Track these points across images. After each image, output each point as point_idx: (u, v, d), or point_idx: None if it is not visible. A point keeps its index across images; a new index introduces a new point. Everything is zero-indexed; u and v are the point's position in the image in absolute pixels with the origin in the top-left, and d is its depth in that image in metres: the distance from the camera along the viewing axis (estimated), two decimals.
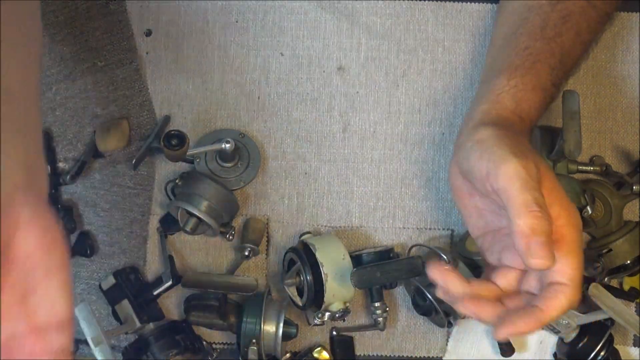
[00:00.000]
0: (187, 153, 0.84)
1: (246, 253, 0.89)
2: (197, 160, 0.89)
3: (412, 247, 0.90)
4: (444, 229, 0.93)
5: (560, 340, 0.90)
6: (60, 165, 0.92)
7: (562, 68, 0.83)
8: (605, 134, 0.94)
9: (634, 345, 0.92)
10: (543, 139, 0.90)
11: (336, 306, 0.85)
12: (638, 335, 0.91)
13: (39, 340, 0.55)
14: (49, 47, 0.92)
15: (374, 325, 0.89)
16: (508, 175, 0.69)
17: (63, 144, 0.92)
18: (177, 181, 0.88)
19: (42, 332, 0.55)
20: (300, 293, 0.86)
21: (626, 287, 0.92)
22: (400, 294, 0.92)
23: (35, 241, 0.54)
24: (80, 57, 0.93)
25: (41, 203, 0.56)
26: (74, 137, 0.92)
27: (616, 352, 0.90)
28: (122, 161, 0.92)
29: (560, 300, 0.70)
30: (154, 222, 0.92)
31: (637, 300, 0.91)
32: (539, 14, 0.84)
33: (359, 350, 0.92)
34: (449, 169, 0.80)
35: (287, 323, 0.87)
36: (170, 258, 0.90)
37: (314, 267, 0.84)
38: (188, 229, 0.87)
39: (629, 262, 0.89)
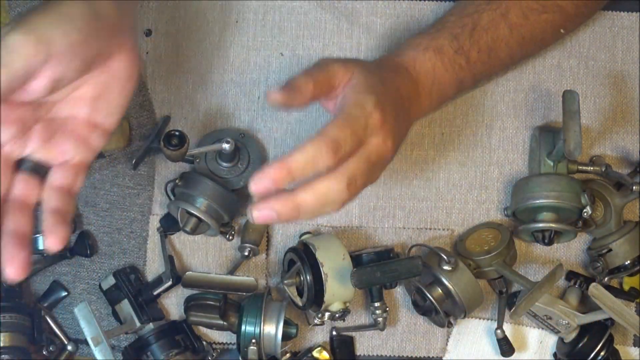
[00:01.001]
0: (187, 153, 0.84)
1: (246, 253, 0.89)
2: (197, 160, 0.89)
3: (412, 247, 0.90)
4: (444, 229, 0.93)
5: (560, 340, 0.91)
6: None
7: (469, 38, 0.84)
8: (605, 134, 0.94)
9: (634, 345, 0.92)
10: (543, 139, 0.90)
11: (336, 306, 0.85)
12: (638, 335, 0.91)
13: None
14: None
15: (374, 325, 0.89)
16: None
17: None
18: (177, 181, 0.88)
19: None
20: (300, 293, 0.86)
21: (626, 287, 0.92)
22: (400, 294, 0.92)
23: None
24: None
25: None
26: None
27: (616, 352, 0.90)
28: (122, 161, 0.92)
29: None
30: (154, 222, 0.91)
31: (637, 300, 0.91)
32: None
33: (359, 350, 0.92)
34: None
35: (287, 323, 0.87)
36: (170, 258, 0.90)
37: (314, 267, 0.84)
38: (188, 229, 0.87)
39: (628, 262, 0.89)
